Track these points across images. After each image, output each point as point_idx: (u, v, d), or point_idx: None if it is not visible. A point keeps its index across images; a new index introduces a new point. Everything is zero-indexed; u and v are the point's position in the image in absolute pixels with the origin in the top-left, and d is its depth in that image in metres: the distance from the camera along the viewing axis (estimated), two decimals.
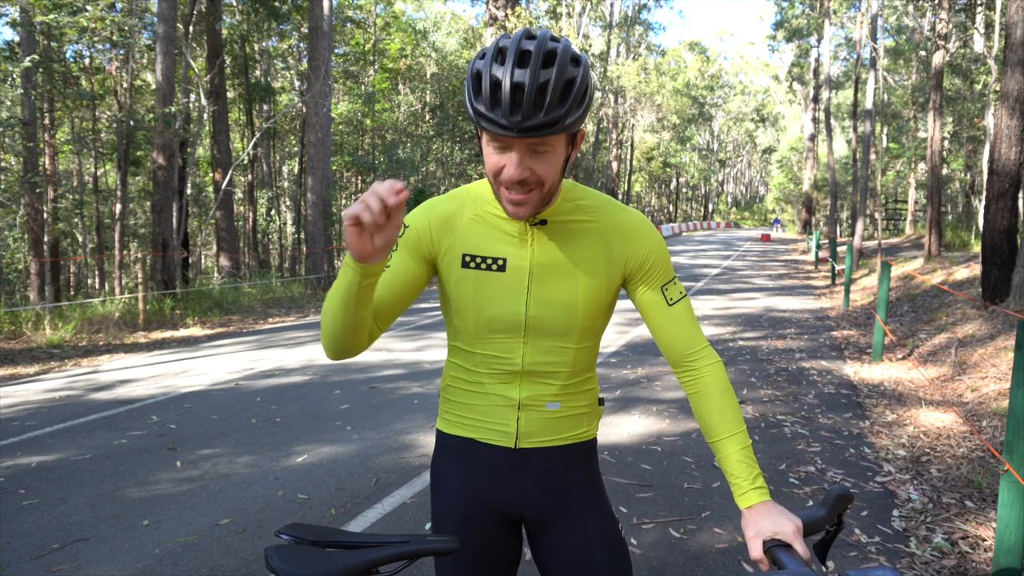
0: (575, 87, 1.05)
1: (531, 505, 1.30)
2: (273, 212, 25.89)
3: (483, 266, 1.24)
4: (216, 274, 17.66)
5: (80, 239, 19.91)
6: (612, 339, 8.14)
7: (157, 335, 9.26)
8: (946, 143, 20.58)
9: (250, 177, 23.50)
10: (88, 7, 13.04)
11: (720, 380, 1.27)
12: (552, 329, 1.25)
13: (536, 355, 1.27)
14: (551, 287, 1.24)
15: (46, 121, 16.25)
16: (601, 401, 1.41)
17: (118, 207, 15.69)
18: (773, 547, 1.04)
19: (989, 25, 17.04)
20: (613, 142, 38.89)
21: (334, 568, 0.95)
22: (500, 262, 1.24)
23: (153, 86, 16.05)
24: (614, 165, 38.96)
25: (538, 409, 1.29)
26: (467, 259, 1.25)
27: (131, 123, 13.23)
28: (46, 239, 15.17)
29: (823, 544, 1.03)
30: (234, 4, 19.31)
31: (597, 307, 1.27)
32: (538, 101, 1.03)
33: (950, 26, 15.80)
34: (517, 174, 1.08)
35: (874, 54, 17.05)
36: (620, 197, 41.09)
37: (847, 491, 1.03)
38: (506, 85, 1.02)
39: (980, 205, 16.07)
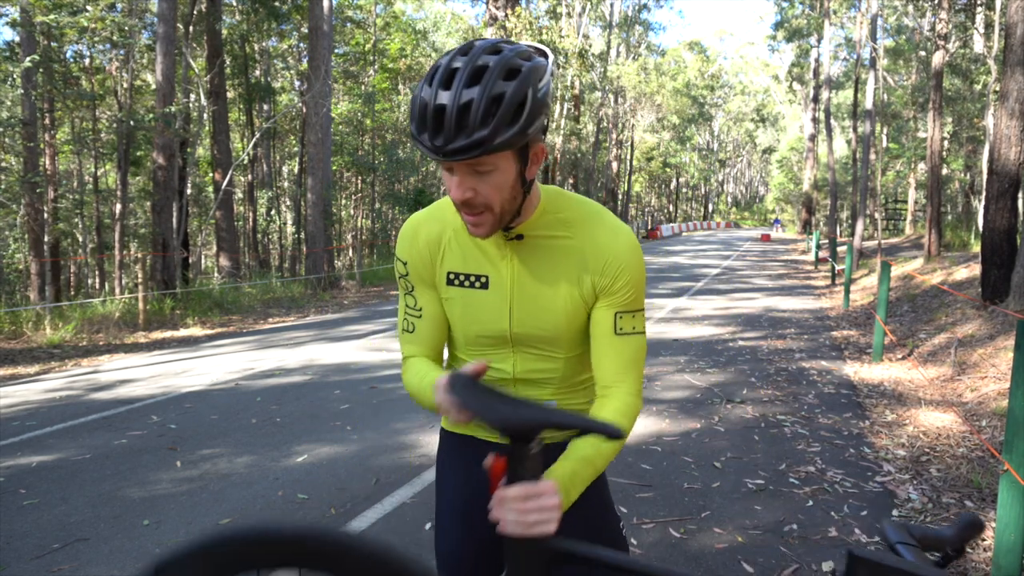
0: (503, 104, 1.00)
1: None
2: (273, 212, 25.89)
3: (466, 283, 1.24)
4: (216, 274, 17.67)
5: (80, 239, 19.91)
6: None
7: (157, 335, 9.26)
8: (946, 143, 20.58)
9: (250, 177, 23.50)
10: (88, 7, 13.04)
11: (624, 409, 1.19)
12: (538, 342, 1.25)
13: (526, 364, 1.28)
14: (532, 303, 1.23)
15: (46, 121, 16.25)
16: None
17: (118, 207, 15.70)
18: (897, 543, 0.96)
19: (989, 25, 17.05)
20: (613, 142, 38.90)
21: (508, 413, 0.92)
22: (483, 279, 1.24)
23: (153, 86, 16.05)
24: (614, 165, 38.97)
25: None
26: (451, 276, 1.25)
27: (131, 123, 13.23)
28: (46, 239, 15.17)
29: (939, 565, 0.96)
30: (234, 4, 19.31)
31: (580, 321, 1.25)
32: (461, 123, 0.99)
33: (950, 26, 15.80)
34: (459, 195, 1.07)
35: (874, 54, 17.05)
36: (620, 197, 41.09)
37: (979, 519, 0.97)
38: (430, 108, 1.00)
39: (980, 205, 16.07)
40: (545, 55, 1.11)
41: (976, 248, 12.94)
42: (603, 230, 1.21)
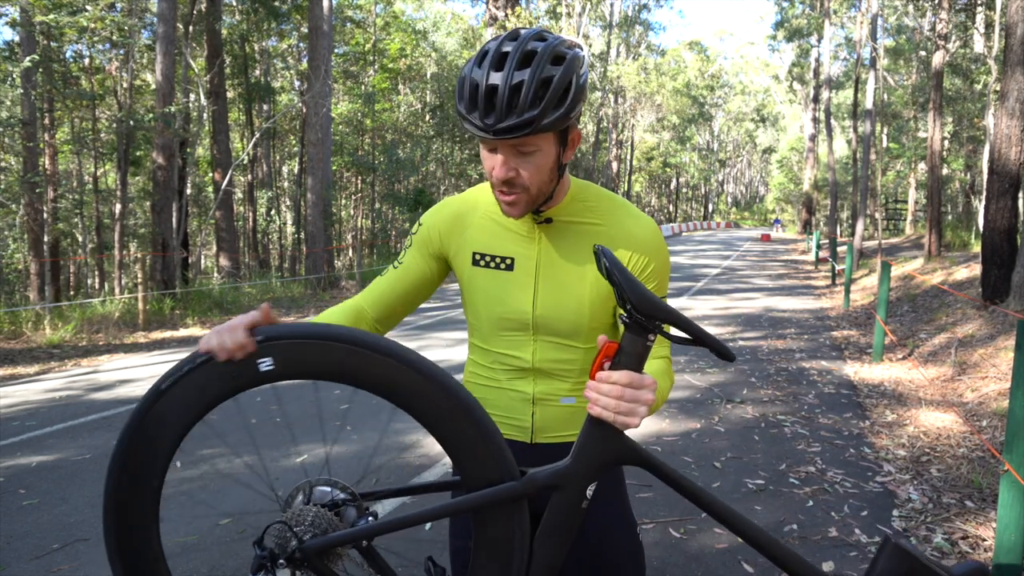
0: (552, 87, 1.05)
1: (546, 501, 1.31)
2: (273, 212, 25.89)
3: (492, 264, 1.26)
4: (216, 274, 17.67)
5: (80, 239, 19.90)
6: None
7: (157, 335, 9.26)
8: (946, 143, 20.58)
9: (250, 177, 23.50)
10: (88, 7, 13.03)
11: (667, 367, 1.23)
12: (559, 329, 1.25)
13: (546, 353, 1.27)
14: (557, 287, 1.24)
15: (46, 121, 16.24)
16: None
17: (118, 207, 15.69)
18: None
19: (989, 25, 17.04)
20: (613, 142, 38.90)
21: (647, 292, 0.93)
22: (508, 261, 1.25)
23: (153, 86, 16.04)
24: (614, 165, 38.98)
25: (553, 404, 1.29)
26: (477, 257, 1.27)
27: (131, 123, 13.23)
28: (46, 239, 15.16)
29: None
30: (234, 4, 19.31)
31: (604, 311, 1.26)
32: (511, 103, 1.04)
33: (950, 26, 15.80)
34: (503, 174, 1.11)
35: (874, 54, 17.05)
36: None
37: (986, 569, 0.99)
38: (482, 88, 1.05)
39: (980, 205, 16.06)
40: (581, 47, 1.15)
41: (976, 248, 12.93)
42: (630, 219, 1.25)
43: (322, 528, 0.98)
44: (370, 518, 1.02)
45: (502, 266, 1.26)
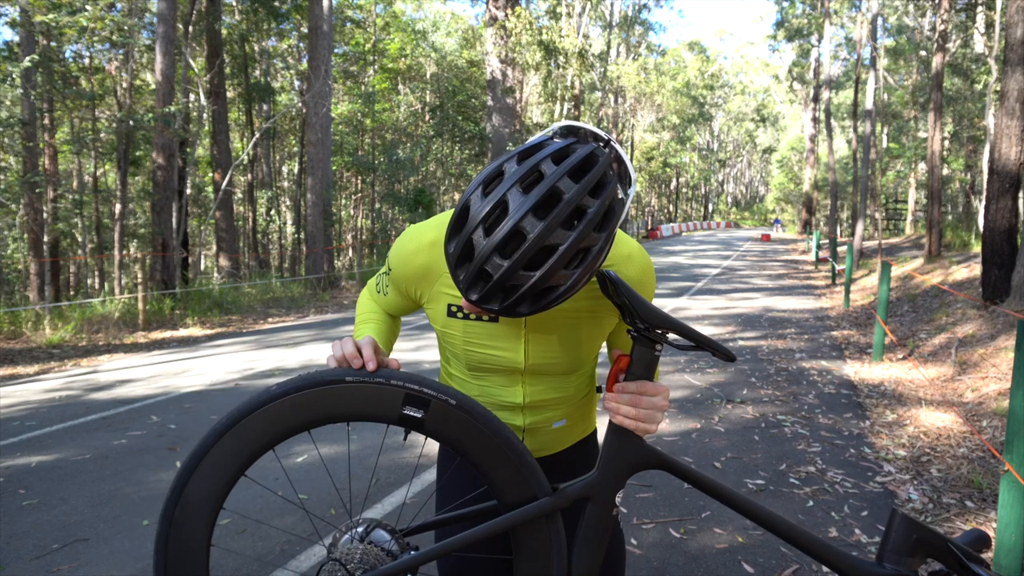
0: (591, 253, 0.93)
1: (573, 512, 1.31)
2: (273, 212, 25.88)
3: (472, 316, 1.18)
4: (216, 274, 17.66)
5: (80, 239, 19.89)
6: None
7: (157, 335, 9.26)
8: (946, 143, 20.57)
9: (250, 177, 23.49)
10: (88, 7, 13.03)
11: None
12: (553, 371, 1.23)
13: (537, 394, 1.24)
14: (551, 335, 1.19)
15: (46, 121, 16.23)
16: (599, 388, 1.39)
17: (118, 207, 15.67)
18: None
19: (989, 25, 17.04)
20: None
21: (653, 308, 0.98)
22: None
23: (153, 86, 16.04)
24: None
25: (544, 429, 1.28)
26: (453, 309, 1.19)
27: (131, 123, 13.22)
28: (46, 239, 15.15)
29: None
30: (234, 4, 19.31)
31: (596, 345, 1.26)
32: (544, 293, 0.94)
33: (950, 26, 15.80)
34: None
35: (874, 54, 17.05)
36: None
37: (986, 536, 1.10)
38: (503, 282, 0.90)
39: (980, 205, 16.06)
40: (607, 142, 1.05)
41: (976, 248, 12.93)
42: (620, 259, 1.19)
43: (371, 564, 1.01)
44: (412, 551, 1.04)
45: (484, 317, 1.18)
